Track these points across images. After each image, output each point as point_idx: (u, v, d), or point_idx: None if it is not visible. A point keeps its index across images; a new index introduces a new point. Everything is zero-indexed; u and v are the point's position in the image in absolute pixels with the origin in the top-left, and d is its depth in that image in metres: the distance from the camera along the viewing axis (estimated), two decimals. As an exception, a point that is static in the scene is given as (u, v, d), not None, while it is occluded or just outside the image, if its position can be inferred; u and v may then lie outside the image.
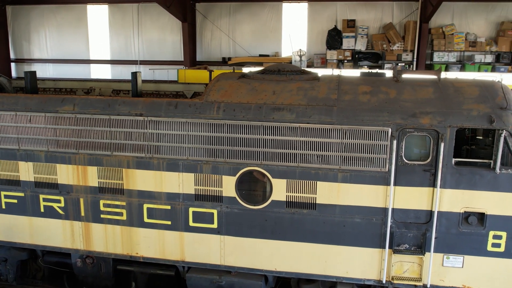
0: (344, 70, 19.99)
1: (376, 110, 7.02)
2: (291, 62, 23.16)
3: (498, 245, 6.97)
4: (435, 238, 7.08)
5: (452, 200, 6.95)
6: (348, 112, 7.07)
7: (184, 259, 8.04)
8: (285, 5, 24.77)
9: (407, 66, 23.28)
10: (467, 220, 6.98)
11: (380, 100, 7.12)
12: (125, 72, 25.84)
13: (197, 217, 7.82)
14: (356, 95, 7.27)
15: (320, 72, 8.50)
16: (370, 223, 7.25)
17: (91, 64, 26.57)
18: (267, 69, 8.28)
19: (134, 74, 8.97)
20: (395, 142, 6.91)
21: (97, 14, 25.78)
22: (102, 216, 8.20)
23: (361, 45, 23.89)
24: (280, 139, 7.26)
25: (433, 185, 6.96)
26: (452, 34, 22.95)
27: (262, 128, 7.28)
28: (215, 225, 7.78)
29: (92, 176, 8.08)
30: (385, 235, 7.22)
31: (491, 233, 6.95)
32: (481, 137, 7.67)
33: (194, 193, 7.74)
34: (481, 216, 6.95)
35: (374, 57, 23.91)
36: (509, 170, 6.72)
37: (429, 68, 23.38)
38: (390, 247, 7.25)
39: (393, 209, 7.12)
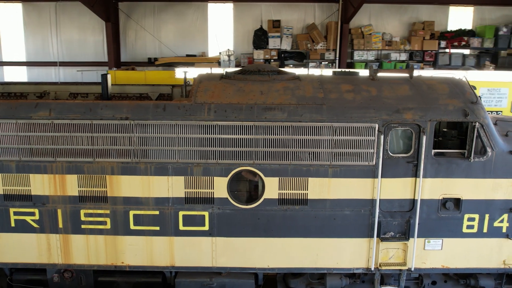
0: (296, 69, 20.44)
1: (362, 107, 7.43)
2: (219, 62, 23.32)
3: (472, 227, 7.71)
4: (418, 224, 7.65)
5: (432, 188, 7.57)
6: (337, 110, 7.42)
7: (174, 264, 7.92)
8: (210, 5, 24.81)
9: (330, 64, 24.37)
10: (445, 205, 7.64)
11: (364, 98, 7.55)
12: (43, 74, 24.40)
13: (188, 220, 7.74)
14: (341, 94, 7.63)
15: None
16: (359, 214, 7.66)
17: (4, 67, 24.70)
18: (246, 69, 8.40)
19: (105, 77, 8.63)
20: (382, 136, 7.37)
21: (10, 13, 24.03)
22: (83, 226, 7.82)
23: (286, 45, 24.60)
24: (272, 138, 7.42)
25: (416, 175, 7.53)
26: (370, 34, 24.40)
27: (254, 128, 7.40)
28: (206, 227, 7.76)
29: (71, 185, 7.68)
30: (373, 225, 7.67)
31: (466, 216, 7.67)
32: (446, 130, 8.38)
33: (184, 196, 7.66)
34: (457, 201, 7.65)
35: (299, 56, 24.76)
36: (481, 158, 7.46)
37: (350, 66, 24.70)
38: (377, 236, 7.71)
39: (380, 200, 7.58)
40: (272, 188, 7.59)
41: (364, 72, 8.58)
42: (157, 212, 7.73)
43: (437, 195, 7.60)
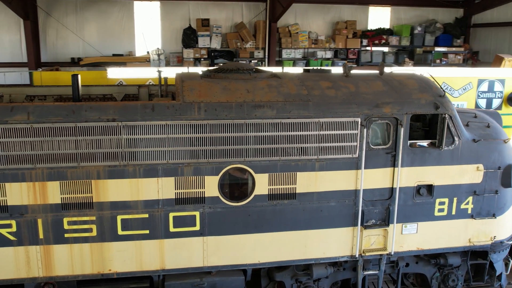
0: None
1: (345, 103, 7.82)
2: (149, 61, 22.86)
3: (442, 210, 8.42)
4: (396, 211, 8.20)
5: (408, 176, 8.15)
6: (322, 106, 7.74)
7: (165, 267, 7.80)
8: (136, 3, 24.21)
9: (260, 63, 24.82)
10: (419, 192, 8.27)
11: (345, 94, 7.94)
12: None
13: (178, 221, 7.66)
14: (322, 90, 7.96)
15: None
16: (343, 205, 8.05)
17: None
18: (224, 68, 8.46)
19: (75, 77, 8.23)
20: (364, 130, 7.80)
21: None
22: (66, 235, 7.45)
23: (216, 44, 24.67)
24: (262, 135, 7.57)
25: (394, 165, 8.07)
26: (297, 33, 25.18)
27: (245, 126, 7.50)
28: (197, 227, 7.73)
29: (53, 192, 7.28)
30: (356, 214, 8.10)
31: (437, 200, 8.35)
32: (411, 122, 9.02)
33: (174, 197, 7.57)
34: (430, 188, 8.30)
35: (229, 55, 24.94)
36: (450, 147, 8.16)
37: (279, 64, 25.32)
38: (361, 224, 8.15)
39: (362, 190, 8.03)
40: (262, 184, 7.74)
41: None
42: (146, 215, 7.57)
43: (413, 183, 8.20)
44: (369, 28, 25.93)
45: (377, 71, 8.71)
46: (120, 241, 7.58)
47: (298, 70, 9.42)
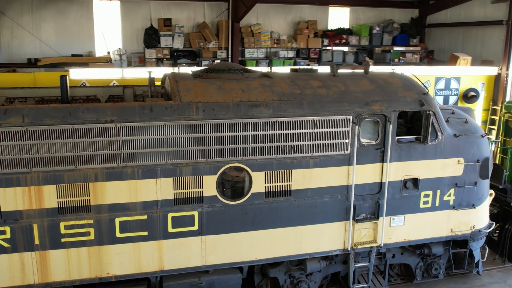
0: (182, 69, 20.30)
1: (337, 101, 8.07)
2: (110, 61, 22.46)
3: (427, 202, 8.83)
4: (384, 204, 8.54)
5: (396, 171, 8.51)
6: (316, 104, 7.95)
7: (163, 268, 7.79)
8: (95, 2, 23.66)
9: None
10: (406, 185, 8.64)
11: (336, 93, 8.20)
12: None
13: (177, 221, 7.67)
14: (314, 89, 8.18)
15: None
16: (336, 200, 8.30)
17: None
18: (215, 68, 8.52)
19: (64, 78, 8.09)
20: (356, 127, 8.08)
21: None
22: (63, 240, 7.30)
23: (179, 44, 24.48)
24: (259, 134, 7.70)
25: (382, 160, 8.40)
26: (259, 32, 25.37)
27: (242, 125, 7.60)
28: (195, 227, 7.77)
29: (49, 197, 7.11)
30: (348, 209, 8.37)
31: (422, 193, 8.76)
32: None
33: (173, 197, 7.58)
34: (415, 181, 8.70)
35: (192, 55, 24.83)
36: (433, 141, 8.58)
37: (242, 64, 25.46)
38: (353, 218, 8.43)
39: (354, 185, 8.31)
40: (259, 182, 7.87)
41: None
42: (145, 217, 7.53)
43: (400, 177, 8.56)
44: (329, 28, 26.46)
45: (361, 70, 9.01)
46: (118, 244, 7.50)
47: (285, 69, 9.59)
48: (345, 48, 26.56)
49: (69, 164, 7.07)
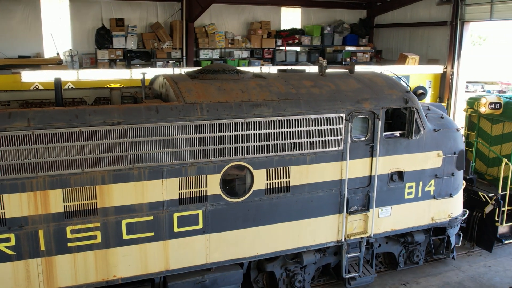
0: (148, 69, 20.08)
1: (331, 100, 8.46)
2: (61, 62, 21.79)
3: (411, 193, 9.43)
4: (374, 196, 9.04)
5: (384, 164, 9.03)
6: (312, 103, 8.30)
7: (169, 268, 7.85)
8: (43, 1, 22.86)
9: (178, 63, 24.78)
10: (392, 178, 9.19)
11: (329, 92, 8.58)
12: None
13: (182, 221, 7.76)
14: (308, 89, 8.53)
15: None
16: (331, 194, 8.70)
17: None
18: (209, 69, 8.66)
19: (58, 81, 7.94)
20: (349, 124, 8.51)
21: None
22: (69, 244, 7.20)
23: (132, 44, 24.14)
24: (260, 133, 7.94)
25: (372, 155, 8.88)
26: (214, 33, 25.49)
27: (244, 124, 7.81)
28: (200, 226, 7.89)
29: (55, 201, 7.00)
30: (342, 202, 8.79)
31: (407, 185, 9.34)
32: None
33: (178, 197, 7.66)
34: (401, 174, 9.25)
35: (146, 56, 24.56)
36: (416, 136, 9.18)
37: (197, 64, 25.47)
38: (346, 211, 8.86)
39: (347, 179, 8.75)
40: (260, 180, 8.11)
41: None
42: (151, 218, 7.56)
43: (387, 170, 9.09)
44: (282, 28, 26.99)
45: (346, 70, 9.46)
46: (125, 246, 7.49)
47: (274, 70, 9.87)
48: (298, 48, 27.20)
49: (76, 168, 6.99)
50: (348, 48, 25.60)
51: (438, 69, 22.17)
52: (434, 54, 23.20)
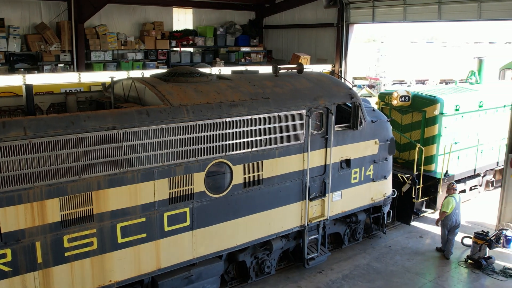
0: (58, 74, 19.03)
1: (293, 98, 9.29)
2: None
3: (356, 178, 10.67)
4: (329, 183, 10.10)
5: (336, 154, 10.12)
6: (279, 102, 9.05)
7: (160, 267, 8.04)
8: None
9: (68, 66, 23.71)
10: (341, 165, 10.33)
11: (290, 91, 9.41)
12: None
13: (172, 220, 8.01)
14: (271, 89, 9.26)
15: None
16: (295, 183, 9.55)
17: None
18: (177, 72, 8.95)
19: (30, 87, 7.66)
20: (309, 119, 9.43)
21: None
22: (67, 254, 7.07)
23: (15, 47, 22.51)
24: (238, 131, 8.49)
25: (326, 146, 9.91)
26: (105, 34, 24.79)
27: (225, 124, 8.30)
28: (187, 223, 8.20)
29: (52, 211, 6.84)
30: (304, 190, 9.70)
31: (353, 170, 10.56)
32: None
33: (168, 197, 7.90)
34: (348, 161, 10.44)
35: (31, 59, 23.01)
36: (360, 127, 10.41)
37: (89, 67, 24.58)
38: (308, 198, 9.78)
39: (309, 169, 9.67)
40: (238, 175, 8.65)
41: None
42: (143, 219, 7.70)
43: (338, 159, 10.20)
44: (174, 29, 27.12)
45: (295, 71, 10.36)
46: (120, 249, 7.54)
47: (215, 70, 10.39)
48: (192, 49, 27.55)
49: (73, 175, 6.90)
50: (243, 49, 26.62)
51: (328, 67, 24.21)
52: (322, 54, 25.25)
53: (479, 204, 14.73)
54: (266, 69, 10.83)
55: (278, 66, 10.04)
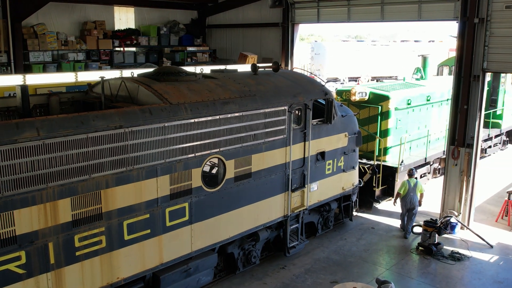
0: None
1: (276, 95, 9.80)
2: None
3: (330, 169, 11.38)
4: (308, 175, 10.72)
5: (313, 147, 10.75)
6: (264, 99, 9.52)
7: (163, 261, 8.24)
8: None
9: (4, 68, 22.69)
10: (317, 157, 10.99)
11: (272, 88, 9.90)
12: None
13: (173, 215, 8.24)
14: (256, 86, 9.71)
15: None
16: (279, 176, 10.07)
17: None
18: (164, 71, 9.17)
19: (25, 88, 7.59)
20: (291, 115, 9.97)
21: None
22: (77, 253, 7.12)
23: None
24: (231, 127, 8.86)
25: (304, 140, 10.52)
26: (44, 33, 23.94)
27: (219, 120, 8.64)
28: (187, 217, 8.47)
29: (64, 211, 6.87)
30: (287, 182, 10.24)
31: (327, 162, 11.25)
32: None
33: (169, 193, 8.12)
34: (323, 154, 11.11)
35: (-35, 60, 21.83)
36: (332, 122, 11.12)
37: (28, 68, 23.61)
38: (290, 189, 10.34)
39: (291, 162, 10.22)
40: (230, 169, 9.03)
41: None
42: (148, 216, 7.88)
43: (314, 152, 10.85)
44: (116, 28, 26.65)
45: (271, 69, 10.88)
46: (126, 247, 7.67)
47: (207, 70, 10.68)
48: (134, 49, 27.19)
49: (83, 174, 6.97)
50: (189, 48, 26.69)
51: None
52: (268, 53, 25.86)
53: (426, 192, 15.88)
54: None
55: (257, 64, 10.49)
